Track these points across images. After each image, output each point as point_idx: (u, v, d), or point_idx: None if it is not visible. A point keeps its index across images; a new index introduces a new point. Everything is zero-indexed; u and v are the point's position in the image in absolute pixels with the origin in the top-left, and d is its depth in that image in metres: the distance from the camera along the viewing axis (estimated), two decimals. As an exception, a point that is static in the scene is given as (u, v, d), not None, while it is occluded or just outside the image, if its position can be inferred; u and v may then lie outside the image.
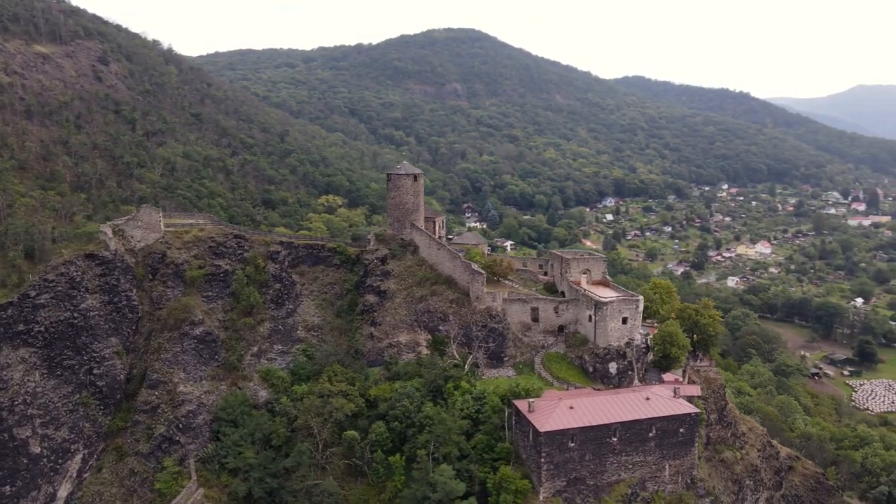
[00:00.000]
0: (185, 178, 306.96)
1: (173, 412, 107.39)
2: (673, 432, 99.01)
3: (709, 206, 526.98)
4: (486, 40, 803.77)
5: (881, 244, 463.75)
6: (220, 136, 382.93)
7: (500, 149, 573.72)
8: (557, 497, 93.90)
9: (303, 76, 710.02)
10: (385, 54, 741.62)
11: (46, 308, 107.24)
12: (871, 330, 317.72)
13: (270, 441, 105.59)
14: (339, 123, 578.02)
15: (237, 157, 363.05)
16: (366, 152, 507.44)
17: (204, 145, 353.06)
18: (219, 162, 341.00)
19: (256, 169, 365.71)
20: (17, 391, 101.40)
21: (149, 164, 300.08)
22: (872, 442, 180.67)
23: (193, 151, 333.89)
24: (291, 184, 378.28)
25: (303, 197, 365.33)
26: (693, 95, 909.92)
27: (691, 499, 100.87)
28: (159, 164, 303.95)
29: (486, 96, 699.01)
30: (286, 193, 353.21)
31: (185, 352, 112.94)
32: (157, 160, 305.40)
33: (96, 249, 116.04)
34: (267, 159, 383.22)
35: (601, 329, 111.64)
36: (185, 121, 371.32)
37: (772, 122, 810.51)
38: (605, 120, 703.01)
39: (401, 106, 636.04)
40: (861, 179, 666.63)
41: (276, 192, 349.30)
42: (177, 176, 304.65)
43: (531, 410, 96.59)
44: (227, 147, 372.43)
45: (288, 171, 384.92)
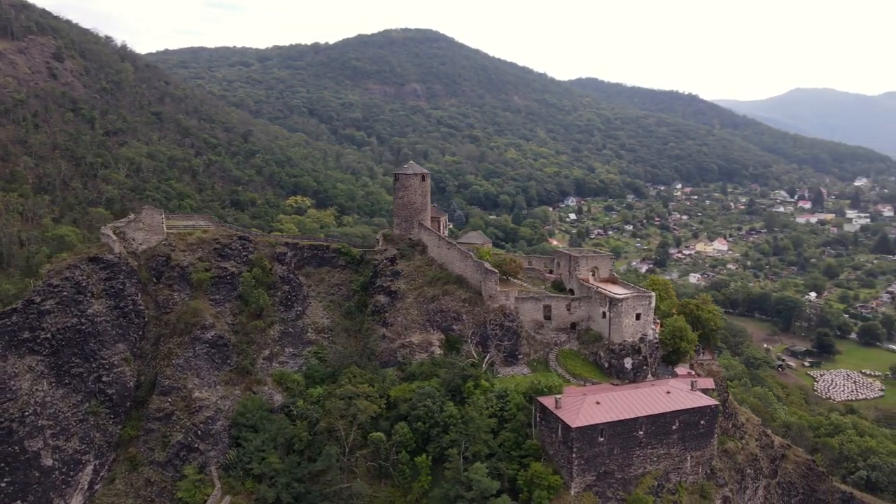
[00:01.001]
0: (152, 178, 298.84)
1: (190, 419, 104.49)
2: (694, 424, 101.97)
3: (666, 205, 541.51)
4: (443, 41, 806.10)
5: (828, 240, 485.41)
6: (183, 135, 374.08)
7: (461, 149, 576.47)
8: (588, 491, 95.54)
9: (259, 75, 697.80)
10: (343, 54, 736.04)
11: (52, 314, 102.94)
12: (827, 322, 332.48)
13: (292, 445, 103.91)
14: (300, 124, 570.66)
15: (202, 158, 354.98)
16: (329, 153, 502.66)
17: (167, 145, 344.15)
18: (184, 162, 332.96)
19: (222, 169, 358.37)
20: (26, 401, 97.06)
21: (113, 165, 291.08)
22: (846, 429, 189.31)
23: (157, 152, 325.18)
24: (258, 185, 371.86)
25: (270, 198, 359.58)
26: (644, 97, 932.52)
27: (712, 488, 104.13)
28: (124, 164, 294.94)
29: (445, 97, 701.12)
30: (254, 194, 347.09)
31: (197, 357, 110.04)
32: (122, 160, 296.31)
33: (99, 252, 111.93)
34: (232, 160, 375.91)
35: (616, 325, 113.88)
36: (145, 120, 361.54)
37: (719, 123, 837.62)
38: (562, 121, 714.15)
39: (361, 106, 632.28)
40: (805, 179, 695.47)
41: (244, 193, 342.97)
42: (143, 177, 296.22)
43: (558, 407, 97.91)
44: (191, 147, 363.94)
45: (254, 171, 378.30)
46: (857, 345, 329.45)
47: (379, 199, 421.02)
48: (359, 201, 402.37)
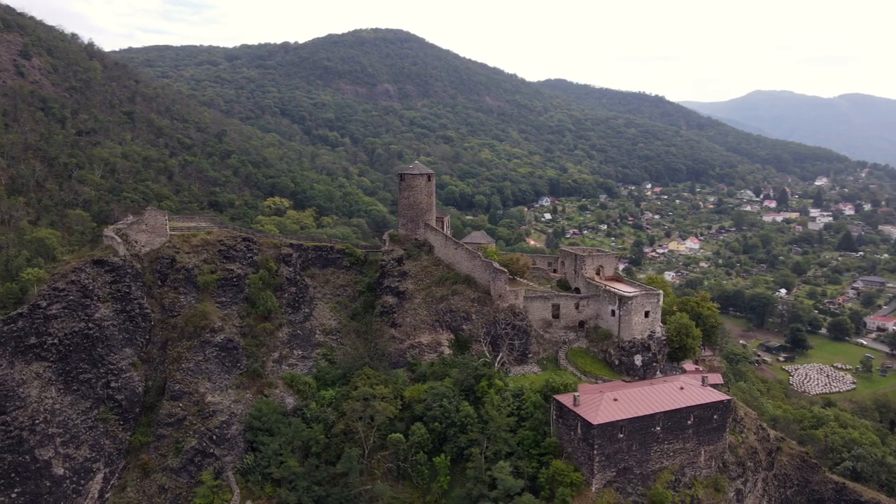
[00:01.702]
0: (128, 179, 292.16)
1: (204, 423, 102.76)
2: (708, 419, 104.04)
3: (638, 204, 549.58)
4: (414, 41, 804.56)
5: (795, 238, 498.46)
6: (156, 135, 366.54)
7: (436, 150, 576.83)
8: (609, 487, 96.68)
9: (228, 75, 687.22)
10: (313, 53, 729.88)
11: (59, 319, 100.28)
12: (798, 318, 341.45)
13: (309, 448, 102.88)
14: (272, 124, 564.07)
15: (177, 158, 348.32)
16: (303, 153, 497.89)
17: (141, 145, 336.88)
18: (159, 163, 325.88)
19: (198, 170, 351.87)
20: (36, 409, 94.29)
21: (87, 166, 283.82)
22: (829, 421, 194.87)
23: (132, 152, 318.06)
24: (235, 185, 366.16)
25: (249, 199, 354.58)
26: (612, 98, 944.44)
27: (725, 481, 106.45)
28: (98, 165, 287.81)
29: (417, 97, 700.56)
30: (232, 195, 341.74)
31: (207, 360, 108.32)
32: (96, 161, 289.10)
33: (104, 255, 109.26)
34: (208, 160, 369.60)
35: (625, 323, 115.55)
36: (117, 119, 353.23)
37: (685, 124, 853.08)
38: (534, 121, 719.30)
39: (333, 106, 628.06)
40: (769, 178, 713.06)
41: (222, 194, 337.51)
42: (118, 178, 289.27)
43: (577, 405, 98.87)
44: (165, 147, 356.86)
45: (230, 172, 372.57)
46: (827, 339, 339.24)
47: (357, 199, 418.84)
48: (337, 202, 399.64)
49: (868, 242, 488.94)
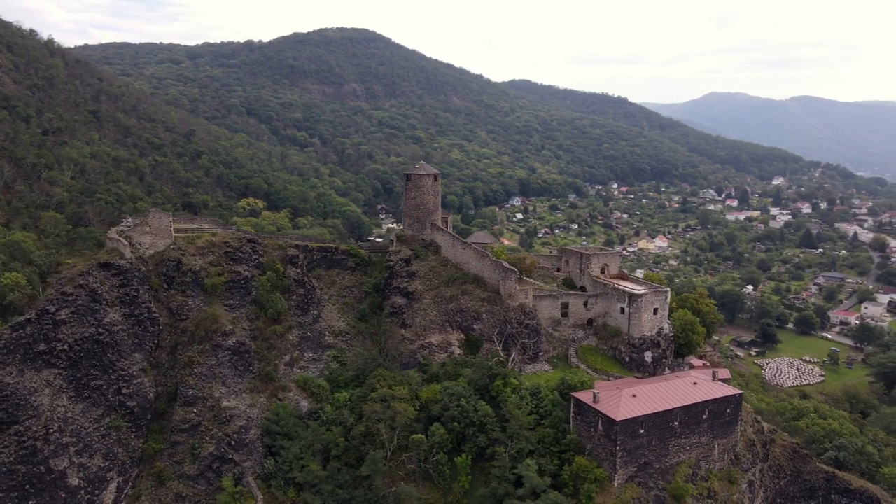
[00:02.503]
0: (100, 180, 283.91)
1: (221, 429, 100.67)
2: (721, 413, 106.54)
3: (606, 204, 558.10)
4: (380, 41, 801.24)
5: (758, 236, 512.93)
6: (124, 135, 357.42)
7: (405, 150, 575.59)
8: (631, 482, 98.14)
9: (191, 73, 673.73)
10: (279, 52, 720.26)
11: (68, 324, 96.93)
12: (767, 313, 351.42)
13: (329, 451, 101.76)
14: (239, 123, 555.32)
15: (147, 159, 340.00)
16: (273, 153, 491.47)
17: (109, 145, 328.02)
18: (130, 163, 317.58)
19: (169, 171, 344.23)
20: (49, 418, 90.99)
21: (56, 166, 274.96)
22: (809, 413, 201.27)
23: (101, 152, 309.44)
24: (207, 186, 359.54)
25: (222, 200, 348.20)
26: (577, 99, 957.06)
27: (738, 473, 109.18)
28: (68, 165, 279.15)
29: (384, 97, 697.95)
30: (206, 196, 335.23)
31: (220, 364, 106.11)
32: (65, 161, 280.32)
33: (110, 258, 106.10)
34: (178, 161, 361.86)
35: (635, 320, 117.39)
36: (83, 119, 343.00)
37: (647, 125, 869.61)
38: (501, 122, 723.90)
39: (301, 106, 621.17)
40: (729, 178, 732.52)
41: (195, 195, 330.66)
42: (89, 178, 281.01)
43: (597, 402, 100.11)
44: (134, 147, 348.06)
45: (202, 173, 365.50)
46: (794, 334, 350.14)
47: (331, 200, 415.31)
48: (311, 203, 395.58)
49: (826, 240, 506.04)
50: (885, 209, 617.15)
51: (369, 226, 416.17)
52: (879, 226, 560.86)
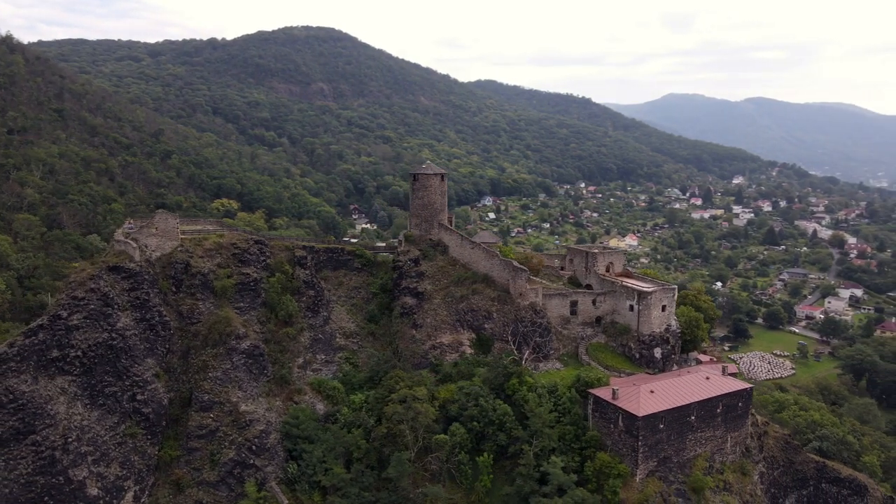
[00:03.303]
0: (70, 181, 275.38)
1: (241, 434, 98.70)
2: (734, 407, 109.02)
3: (576, 203, 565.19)
4: (346, 40, 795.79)
5: (723, 234, 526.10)
6: (90, 134, 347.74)
7: (375, 150, 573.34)
8: (652, 476, 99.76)
9: (153, 71, 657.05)
10: (244, 51, 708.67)
11: (81, 329, 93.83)
12: (738, 309, 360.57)
13: (350, 454, 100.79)
14: (205, 123, 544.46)
15: (117, 158, 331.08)
16: (243, 153, 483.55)
17: (77, 145, 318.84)
18: (100, 164, 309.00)
19: (140, 171, 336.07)
20: (66, 427, 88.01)
21: (24, 167, 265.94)
22: (790, 405, 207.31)
23: (70, 152, 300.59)
24: (179, 187, 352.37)
25: (196, 201, 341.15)
26: (542, 100, 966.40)
27: (749, 465, 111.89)
28: (37, 166, 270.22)
29: (352, 97, 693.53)
30: (179, 197, 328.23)
31: (235, 368, 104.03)
32: (33, 161, 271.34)
33: (119, 261, 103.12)
34: (149, 161, 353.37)
35: (644, 317, 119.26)
36: (48, 117, 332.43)
37: (612, 125, 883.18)
38: (469, 122, 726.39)
39: (268, 105, 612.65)
40: (692, 177, 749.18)
41: (168, 195, 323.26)
42: (59, 179, 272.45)
43: (616, 398, 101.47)
44: (101, 147, 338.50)
45: (174, 173, 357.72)
46: (764, 328, 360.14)
47: (305, 200, 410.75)
48: (286, 203, 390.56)
49: (788, 237, 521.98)
50: (840, 207, 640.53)
51: (344, 226, 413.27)
52: (836, 223, 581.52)
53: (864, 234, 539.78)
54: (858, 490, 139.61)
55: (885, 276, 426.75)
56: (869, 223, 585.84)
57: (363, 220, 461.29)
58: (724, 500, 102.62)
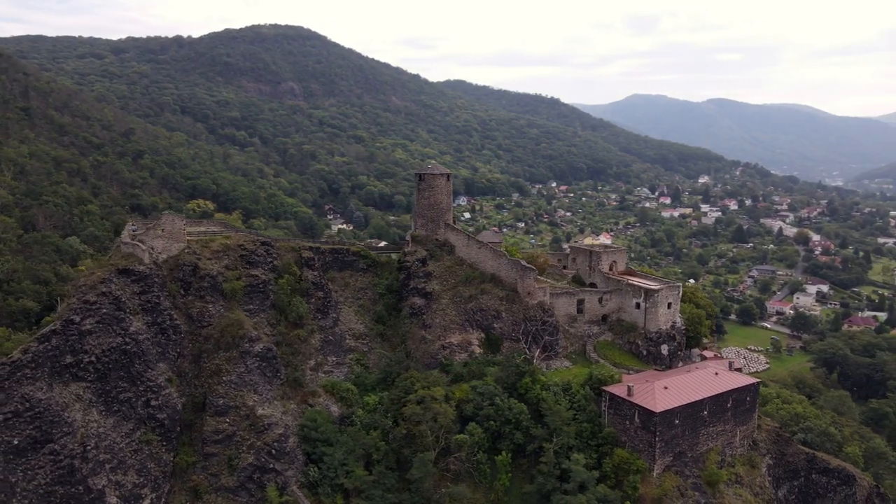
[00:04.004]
0: (43, 182, 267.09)
1: (259, 438, 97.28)
2: (743, 401, 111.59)
3: (549, 202, 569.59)
4: (316, 39, 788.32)
5: (693, 232, 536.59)
6: (59, 133, 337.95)
7: (349, 150, 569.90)
8: (668, 471, 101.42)
9: (117, 69, 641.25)
10: (211, 49, 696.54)
11: (94, 334, 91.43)
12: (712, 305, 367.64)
13: (370, 456, 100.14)
14: (174, 122, 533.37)
15: (88, 158, 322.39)
16: (214, 153, 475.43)
17: (47, 144, 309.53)
18: (71, 164, 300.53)
19: (113, 171, 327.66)
20: (85, 434, 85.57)
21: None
22: (773, 399, 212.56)
23: (40, 152, 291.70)
24: (153, 187, 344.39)
25: (171, 202, 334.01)
26: (511, 100, 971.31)
27: (757, 458, 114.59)
28: (7, 166, 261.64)
29: (323, 96, 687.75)
30: (155, 198, 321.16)
31: (249, 372, 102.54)
32: (4, 162, 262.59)
33: (129, 264, 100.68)
34: (121, 161, 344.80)
35: (651, 315, 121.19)
36: (15, 116, 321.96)
37: (580, 125, 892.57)
38: (441, 122, 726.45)
39: (238, 105, 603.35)
40: (660, 177, 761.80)
41: (143, 196, 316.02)
42: (31, 180, 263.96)
43: (631, 395, 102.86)
44: (71, 146, 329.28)
45: (147, 173, 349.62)
46: (737, 324, 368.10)
47: (281, 201, 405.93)
48: (262, 204, 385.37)
49: (756, 234, 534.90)
50: (803, 205, 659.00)
51: (320, 227, 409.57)
52: (799, 221, 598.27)
53: (826, 231, 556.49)
54: (847, 480, 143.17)
55: (849, 273, 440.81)
56: (830, 221, 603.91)
57: (339, 221, 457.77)
58: (736, 492, 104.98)
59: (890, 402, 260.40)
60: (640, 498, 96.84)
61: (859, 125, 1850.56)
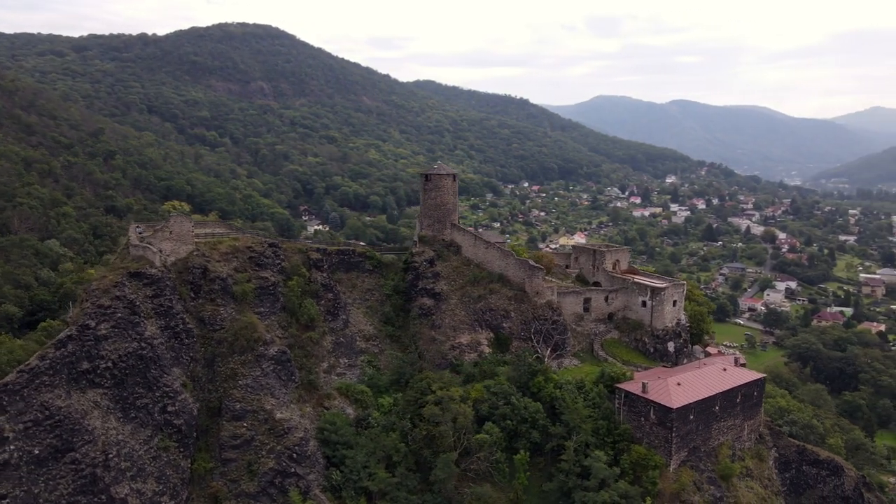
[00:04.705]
0: (14, 183, 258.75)
1: (280, 442, 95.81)
2: (750, 396, 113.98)
3: (523, 202, 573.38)
4: (285, 38, 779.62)
5: (664, 231, 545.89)
6: (27, 133, 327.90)
7: (322, 150, 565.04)
8: (684, 466, 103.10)
9: (79, 67, 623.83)
10: (177, 47, 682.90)
11: (110, 339, 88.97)
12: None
13: (390, 458, 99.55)
14: (141, 122, 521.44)
15: (59, 159, 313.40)
16: (186, 154, 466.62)
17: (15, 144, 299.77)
18: (42, 164, 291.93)
19: (85, 172, 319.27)
20: (106, 442, 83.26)
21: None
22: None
23: (9, 152, 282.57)
24: (126, 189, 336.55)
25: (146, 203, 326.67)
26: (481, 100, 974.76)
27: (764, 451, 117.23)
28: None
29: (293, 96, 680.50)
30: (130, 200, 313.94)
31: (266, 375, 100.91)
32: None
33: (139, 267, 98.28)
34: (92, 161, 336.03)
35: (658, 312, 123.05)
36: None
37: (550, 126, 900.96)
38: (412, 122, 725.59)
39: (207, 104, 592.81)
40: (629, 177, 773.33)
41: (118, 198, 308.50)
42: (2, 181, 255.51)
43: (647, 391, 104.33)
44: (40, 146, 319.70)
45: (119, 174, 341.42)
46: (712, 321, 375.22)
47: (257, 202, 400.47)
48: (238, 205, 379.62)
49: (724, 233, 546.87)
50: (767, 204, 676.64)
51: (298, 228, 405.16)
52: (765, 219, 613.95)
53: (791, 229, 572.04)
54: (836, 471, 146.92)
55: (815, 269, 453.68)
56: (794, 219, 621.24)
57: (315, 222, 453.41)
58: (748, 485, 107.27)
59: (863, 395, 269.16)
60: (658, 493, 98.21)
61: (815, 126, 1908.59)
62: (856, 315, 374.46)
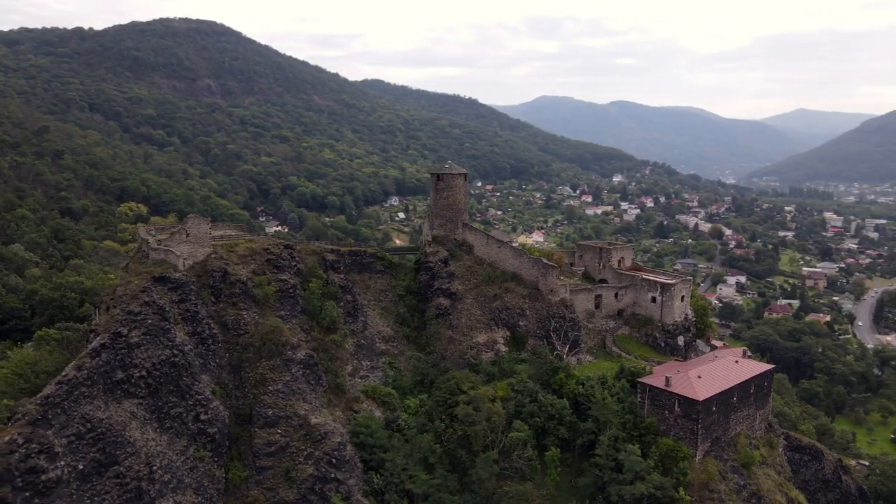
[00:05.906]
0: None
1: (317, 447, 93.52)
2: (762, 386, 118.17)
3: (480, 201, 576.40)
4: (231, 34, 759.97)
5: (618, 229, 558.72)
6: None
7: (274, 150, 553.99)
8: (708, 456, 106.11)
9: (11, 62, 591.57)
10: (117, 42, 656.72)
11: (143, 347, 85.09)
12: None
13: (427, 459, 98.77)
14: (83, 120, 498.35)
15: (6, 159, 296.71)
16: (134, 153, 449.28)
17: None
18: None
19: (34, 173, 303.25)
20: (148, 454, 79.59)
21: None
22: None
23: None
24: (78, 190, 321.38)
25: (101, 204, 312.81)
26: (430, 100, 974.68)
27: (774, 439, 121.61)
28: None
29: (242, 94, 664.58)
30: (85, 201, 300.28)
31: (296, 380, 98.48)
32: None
33: (164, 271, 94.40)
34: (41, 161, 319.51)
35: (667, 308, 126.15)
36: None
37: (499, 125, 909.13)
38: (364, 121, 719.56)
39: (152, 102, 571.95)
40: (578, 176, 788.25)
41: (73, 199, 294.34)
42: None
43: (670, 385, 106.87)
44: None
45: (70, 175, 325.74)
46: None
47: (216, 203, 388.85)
48: (198, 206, 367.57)
49: (674, 230, 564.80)
50: (710, 202, 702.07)
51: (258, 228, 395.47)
52: (710, 217, 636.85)
53: (734, 226, 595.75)
54: (816, 455, 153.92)
55: (762, 264, 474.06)
56: (736, 216, 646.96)
57: (273, 223, 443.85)
58: (765, 473, 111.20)
59: (819, 383, 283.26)
60: (688, 483, 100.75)
61: (746, 127, 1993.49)
62: (802, 307, 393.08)
